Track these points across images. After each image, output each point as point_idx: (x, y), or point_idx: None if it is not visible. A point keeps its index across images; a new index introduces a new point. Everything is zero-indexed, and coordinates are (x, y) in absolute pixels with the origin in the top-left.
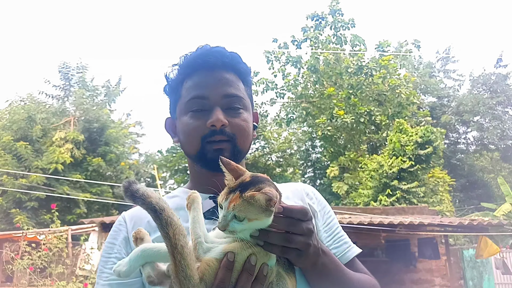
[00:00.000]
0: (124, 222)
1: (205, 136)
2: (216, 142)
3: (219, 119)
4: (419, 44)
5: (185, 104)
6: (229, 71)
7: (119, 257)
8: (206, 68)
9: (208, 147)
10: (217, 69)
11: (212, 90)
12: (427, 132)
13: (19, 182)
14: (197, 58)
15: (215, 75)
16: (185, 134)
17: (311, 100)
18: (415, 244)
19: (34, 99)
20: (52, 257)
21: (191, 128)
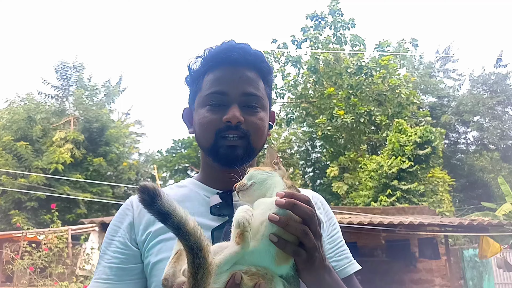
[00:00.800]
0: (131, 206)
1: (220, 130)
2: (230, 139)
3: (235, 116)
4: (416, 43)
5: (204, 97)
6: (251, 69)
7: (122, 241)
8: (228, 64)
9: (221, 142)
10: (239, 66)
11: (232, 87)
12: (426, 132)
13: (19, 182)
14: (221, 53)
15: (237, 72)
16: (201, 126)
17: (311, 100)
18: (415, 244)
19: (34, 99)
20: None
21: (207, 121)
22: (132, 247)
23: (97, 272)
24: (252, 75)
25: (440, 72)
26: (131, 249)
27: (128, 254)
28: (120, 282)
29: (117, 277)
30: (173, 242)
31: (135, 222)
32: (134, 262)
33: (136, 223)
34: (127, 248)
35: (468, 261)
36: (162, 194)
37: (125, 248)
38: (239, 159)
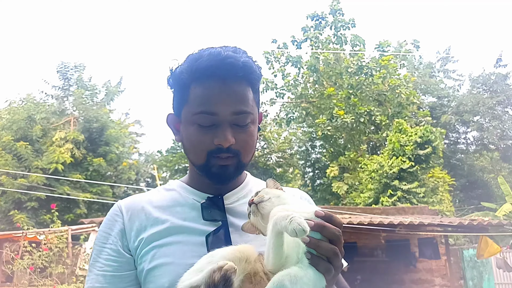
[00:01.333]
0: (120, 212)
1: (211, 152)
2: (221, 159)
3: (228, 139)
4: (418, 44)
5: (192, 115)
6: (240, 82)
7: (114, 249)
8: (216, 80)
9: (213, 161)
10: (228, 81)
11: (221, 106)
12: (426, 132)
13: (19, 182)
14: (208, 69)
15: (226, 89)
16: (191, 144)
17: (311, 100)
18: (415, 244)
19: (34, 99)
20: (52, 257)
21: (197, 141)
22: (125, 254)
23: (89, 281)
24: (241, 89)
25: (440, 72)
26: (124, 256)
27: (121, 262)
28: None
29: (111, 285)
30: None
31: (126, 228)
32: (128, 269)
33: (127, 229)
34: (120, 255)
35: (468, 261)
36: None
37: (117, 256)
38: (231, 176)
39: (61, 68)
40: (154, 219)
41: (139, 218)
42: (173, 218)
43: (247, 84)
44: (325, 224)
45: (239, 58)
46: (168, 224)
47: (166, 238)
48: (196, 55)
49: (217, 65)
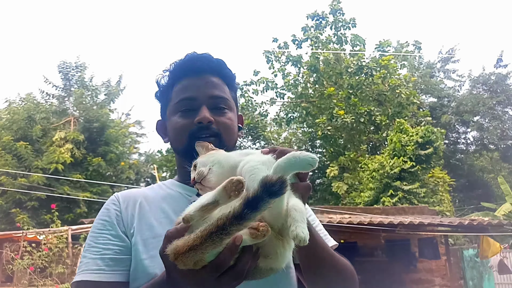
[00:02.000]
0: (118, 201)
1: (192, 132)
2: (203, 138)
3: (206, 116)
4: (420, 46)
5: (174, 106)
6: (215, 75)
7: (113, 234)
8: (194, 73)
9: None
10: (204, 73)
11: (199, 91)
12: (427, 132)
13: (19, 182)
14: (185, 64)
15: (203, 79)
16: (175, 131)
17: (311, 100)
18: (415, 244)
19: (34, 99)
20: (52, 257)
21: (180, 125)
22: (125, 238)
23: (84, 265)
24: (217, 80)
25: (440, 72)
26: (124, 241)
27: (121, 246)
28: (112, 272)
29: (109, 267)
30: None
31: (123, 216)
32: (126, 254)
33: (124, 217)
34: (120, 239)
35: (468, 261)
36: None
37: (118, 240)
38: None
39: (62, 68)
40: (148, 211)
41: (135, 208)
42: (165, 211)
43: (221, 79)
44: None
45: (212, 56)
46: (160, 217)
47: (157, 231)
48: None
49: (193, 59)
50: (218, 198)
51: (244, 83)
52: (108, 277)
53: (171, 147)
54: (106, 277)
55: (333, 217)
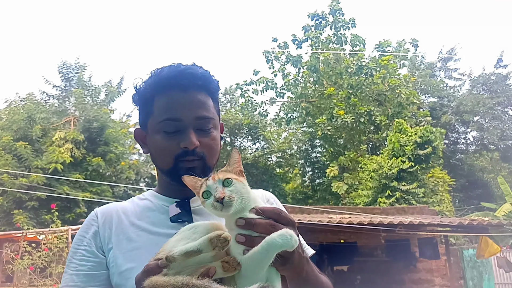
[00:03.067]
0: (96, 217)
1: (178, 155)
2: (188, 161)
3: (192, 142)
4: (416, 44)
5: (158, 124)
6: (200, 90)
7: (88, 250)
8: (178, 89)
9: (180, 165)
10: (189, 90)
11: (184, 112)
12: (426, 132)
13: (19, 182)
14: (170, 79)
15: (188, 97)
16: (158, 151)
17: (311, 100)
18: (415, 244)
19: (34, 99)
20: (52, 257)
21: (164, 147)
22: (99, 255)
23: (63, 281)
24: (202, 97)
25: (440, 72)
26: (98, 257)
27: (94, 261)
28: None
29: (83, 283)
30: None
31: (100, 231)
32: (100, 269)
33: (101, 232)
34: (93, 255)
35: (468, 261)
36: None
37: (91, 256)
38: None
39: (62, 68)
40: (126, 224)
41: (112, 223)
42: (143, 223)
43: (206, 93)
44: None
45: (197, 69)
46: (138, 229)
47: (136, 243)
48: (158, 70)
49: (178, 75)
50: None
51: (244, 83)
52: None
53: (152, 161)
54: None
55: (333, 217)
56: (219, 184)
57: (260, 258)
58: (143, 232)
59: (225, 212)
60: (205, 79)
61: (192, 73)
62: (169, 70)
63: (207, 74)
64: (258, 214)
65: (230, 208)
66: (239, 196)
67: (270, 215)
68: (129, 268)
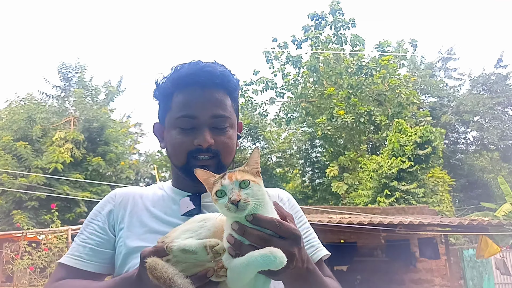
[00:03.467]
0: (114, 196)
1: (191, 152)
2: (201, 159)
3: (206, 140)
4: (416, 44)
5: (174, 120)
6: (218, 89)
7: (100, 226)
8: (196, 87)
9: (193, 162)
10: (207, 88)
11: (201, 110)
12: (426, 132)
13: (19, 182)
14: (189, 76)
15: (205, 95)
16: (173, 147)
17: (311, 100)
18: (415, 244)
19: (34, 99)
20: (52, 257)
21: (178, 143)
22: (109, 233)
23: (71, 249)
24: (219, 95)
25: (440, 72)
26: (107, 234)
27: (103, 238)
28: (89, 262)
29: (88, 256)
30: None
31: (115, 210)
32: (106, 247)
33: (116, 211)
34: (104, 232)
35: (468, 261)
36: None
37: (102, 232)
38: None
39: (61, 69)
40: (141, 208)
41: (128, 204)
42: (157, 210)
43: (224, 92)
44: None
45: (216, 67)
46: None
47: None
48: (178, 66)
49: (197, 73)
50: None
51: (244, 83)
52: (83, 265)
53: (167, 156)
54: (81, 265)
55: (333, 217)
56: (235, 185)
57: (241, 270)
58: (156, 219)
59: (237, 215)
60: (223, 78)
61: (210, 71)
62: (188, 67)
63: (226, 72)
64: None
65: (244, 212)
66: (255, 199)
67: (267, 226)
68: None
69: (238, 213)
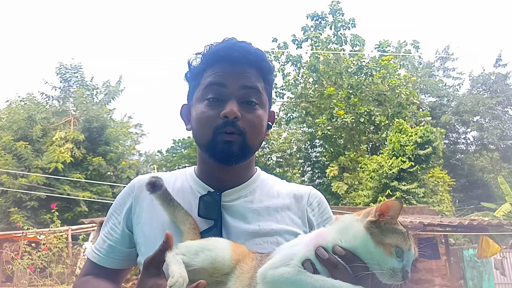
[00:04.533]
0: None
1: (217, 127)
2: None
3: (233, 111)
4: (418, 45)
5: (202, 91)
6: (251, 67)
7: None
8: (228, 62)
9: (219, 138)
10: (239, 64)
11: (231, 79)
12: (426, 132)
13: (19, 182)
14: (221, 51)
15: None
16: (199, 122)
17: (311, 100)
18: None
19: (34, 99)
20: (52, 257)
21: (205, 117)
22: (126, 231)
23: (97, 241)
24: (252, 72)
25: (439, 71)
26: (124, 232)
27: (120, 235)
28: (107, 258)
29: (106, 252)
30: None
31: (133, 204)
32: (124, 246)
33: (134, 206)
34: (121, 230)
35: (468, 261)
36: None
37: (119, 230)
38: (235, 156)
39: (60, 70)
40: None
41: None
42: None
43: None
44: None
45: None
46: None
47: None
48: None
49: (230, 47)
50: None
51: None
52: (101, 260)
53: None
54: (99, 260)
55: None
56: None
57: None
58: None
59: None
60: (257, 56)
61: (244, 47)
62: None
63: (260, 52)
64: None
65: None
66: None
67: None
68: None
69: (394, 281)
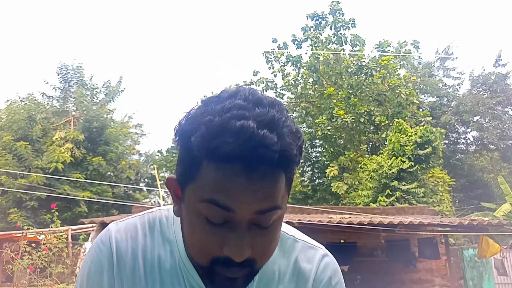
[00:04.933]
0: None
1: (217, 259)
2: (229, 270)
3: (242, 253)
4: (418, 45)
5: (200, 201)
6: (273, 170)
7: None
8: (241, 166)
9: (218, 270)
10: (255, 170)
11: (241, 203)
12: (426, 132)
13: (19, 182)
14: (233, 152)
15: (252, 183)
16: (192, 240)
17: (311, 100)
18: (415, 244)
19: (34, 99)
20: (52, 257)
21: (202, 241)
22: None
23: None
24: (272, 180)
25: (439, 71)
26: None
27: None
28: None
29: None
30: None
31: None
32: None
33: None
34: None
35: (468, 261)
36: None
37: None
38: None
39: (60, 70)
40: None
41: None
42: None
43: (280, 171)
44: None
45: (274, 137)
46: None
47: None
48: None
49: (243, 147)
50: None
51: (244, 84)
52: None
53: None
54: None
55: (333, 217)
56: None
57: None
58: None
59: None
60: (283, 153)
61: (265, 145)
62: (234, 140)
63: (287, 142)
64: None
65: None
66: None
67: None
68: None
69: None
